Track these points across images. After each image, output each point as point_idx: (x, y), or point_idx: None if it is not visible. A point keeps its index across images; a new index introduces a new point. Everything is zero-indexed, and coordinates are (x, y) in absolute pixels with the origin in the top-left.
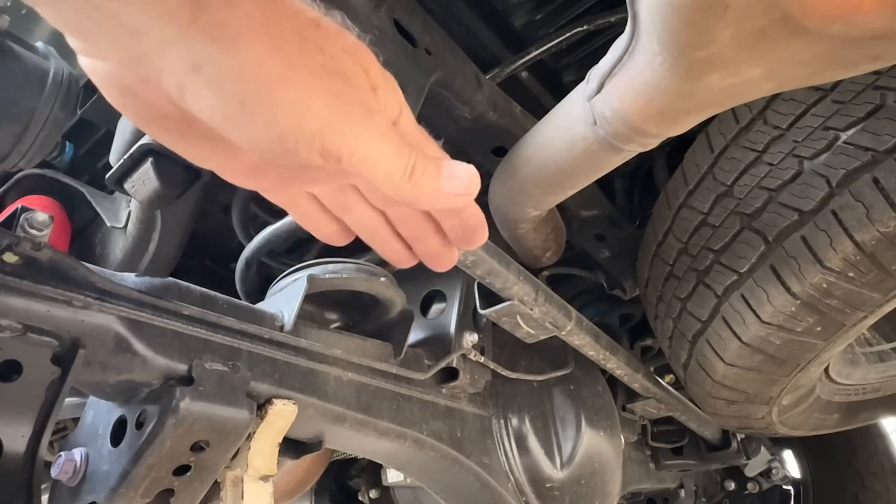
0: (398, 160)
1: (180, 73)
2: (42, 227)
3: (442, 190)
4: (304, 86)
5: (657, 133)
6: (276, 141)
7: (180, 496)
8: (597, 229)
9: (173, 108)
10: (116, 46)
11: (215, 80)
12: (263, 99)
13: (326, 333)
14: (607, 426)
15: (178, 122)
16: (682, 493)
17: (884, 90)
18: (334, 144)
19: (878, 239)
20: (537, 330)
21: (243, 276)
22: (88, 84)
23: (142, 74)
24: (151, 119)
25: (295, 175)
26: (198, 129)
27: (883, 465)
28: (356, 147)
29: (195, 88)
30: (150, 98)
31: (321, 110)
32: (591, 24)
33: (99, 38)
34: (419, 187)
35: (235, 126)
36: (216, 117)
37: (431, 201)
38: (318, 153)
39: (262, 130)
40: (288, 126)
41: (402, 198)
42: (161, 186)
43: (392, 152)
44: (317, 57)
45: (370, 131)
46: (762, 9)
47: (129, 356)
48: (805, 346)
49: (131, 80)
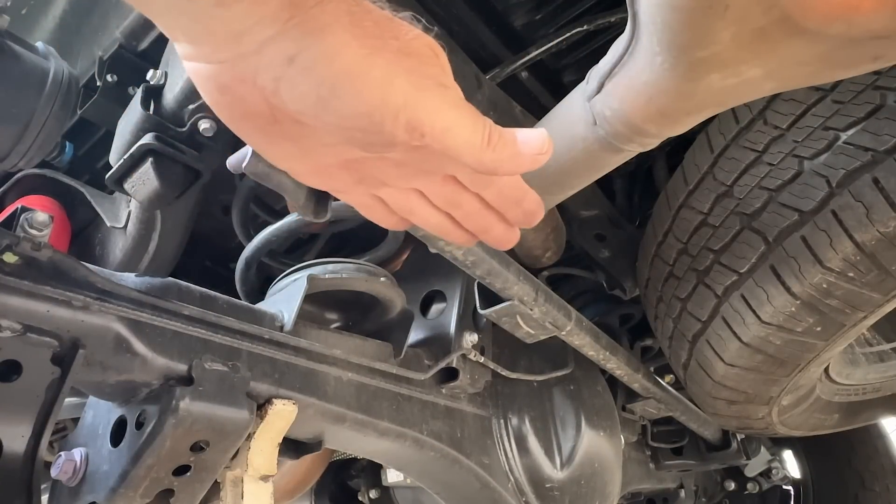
0: (475, 128)
1: (277, 66)
2: (42, 227)
3: (521, 151)
4: (385, 65)
5: (657, 133)
6: (365, 116)
7: (180, 496)
8: (597, 229)
9: (264, 105)
10: (219, 49)
11: (308, 67)
12: (351, 79)
13: (326, 333)
14: (607, 426)
15: (266, 119)
16: (682, 493)
17: (884, 90)
18: (417, 116)
19: (878, 239)
20: (537, 330)
21: (243, 276)
22: (88, 84)
23: (239, 73)
24: (242, 117)
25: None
26: (281, 129)
27: (883, 465)
28: (437, 118)
29: (290, 78)
30: (245, 96)
31: (402, 86)
32: (591, 24)
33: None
34: (498, 151)
35: (327, 107)
36: (309, 103)
37: (513, 164)
38: (403, 127)
39: (352, 107)
40: (375, 101)
41: (483, 164)
42: (161, 186)
43: (469, 121)
44: (393, 42)
45: (447, 103)
46: (762, 9)
47: (129, 356)
48: (805, 346)
49: (229, 79)
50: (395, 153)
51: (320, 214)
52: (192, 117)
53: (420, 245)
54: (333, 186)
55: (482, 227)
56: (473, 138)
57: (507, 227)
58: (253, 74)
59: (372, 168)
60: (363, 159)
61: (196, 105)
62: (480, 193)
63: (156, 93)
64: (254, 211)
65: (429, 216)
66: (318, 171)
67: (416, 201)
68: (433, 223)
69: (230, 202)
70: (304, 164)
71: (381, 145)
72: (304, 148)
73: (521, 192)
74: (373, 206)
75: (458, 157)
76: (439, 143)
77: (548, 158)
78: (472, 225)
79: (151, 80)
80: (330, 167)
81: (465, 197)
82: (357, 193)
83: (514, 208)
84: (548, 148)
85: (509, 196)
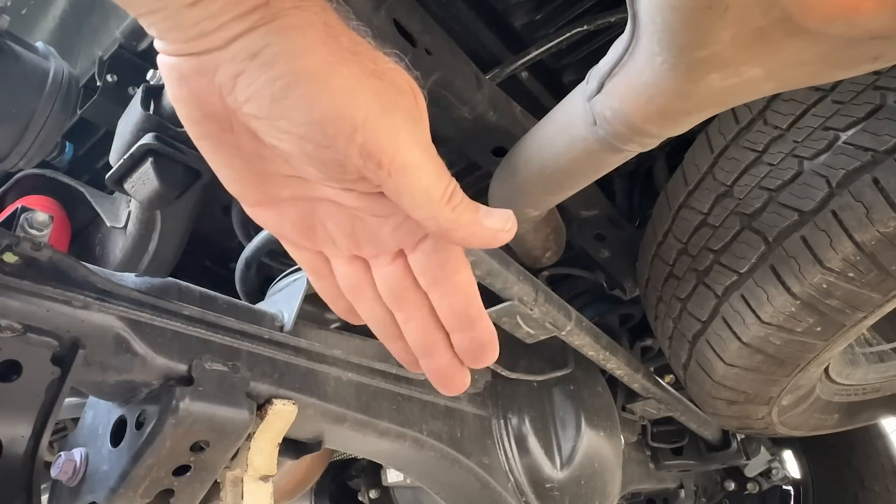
0: (439, 177)
1: (239, 62)
2: (42, 227)
3: (481, 221)
4: (351, 78)
5: (657, 133)
6: (317, 125)
7: (180, 496)
8: (597, 229)
9: (220, 106)
10: (187, 43)
11: (268, 62)
12: (309, 80)
13: (326, 333)
14: (607, 426)
15: (221, 125)
16: (682, 493)
17: (884, 90)
18: (377, 141)
19: (877, 239)
20: (537, 330)
21: (243, 276)
22: (88, 84)
23: (200, 66)
24: (199, 119)
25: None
26: (236, 141)
27: (883, 465)
28: (398, 152)
29: (248, 73)
30: (202, 92)
31: (365, 103)
32: (591, 24)
33: (173, 39)
34: (458, 213)
35: (279, 108)
36: (263, 103)
37: (469, 231)
38: (358, 150)
39: (304, 113)
40: (330, 111)
41: (437, 222)
42: (161, 186)
43: (433, 167)
44: (367, 63)
45: (413, 139)
46: (762, 9)
47: (129, 356)
48: (805, 346)
49: (188, 70)
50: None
51: None
52: None
53: None
54: (281, 230)
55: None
56: (434, 188)
57: (455, 360)
58: (213, 68)
59: (323, 213)
60: (316, 200)
61: None
62: (428, 290)
63: (156, 93)
64: None
65: (373, 306)
66: (268, 202)
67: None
68: (376, 317)
69: (230, 202)
70: (255, 191)
71: (333, 165)
72: (258, 172)
73: (476, 311)
74: (322, 276)
75: (413, 207)
76: (394, 184)
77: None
78: (415, 336)
79: (151, 80)
80: (282, 202)
81: (412, 292)
82: (306, 251)
83: (463, 329)
84: (511, 227)
85: (459, 309)
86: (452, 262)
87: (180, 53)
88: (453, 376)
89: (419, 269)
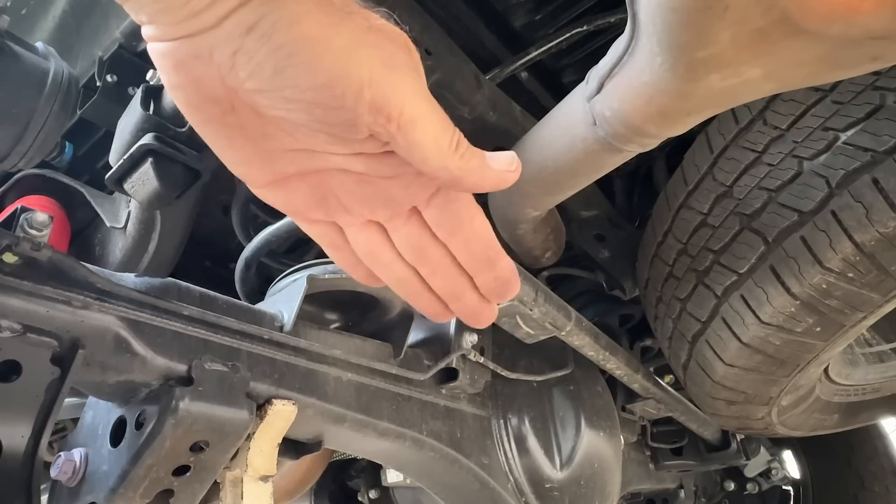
0: (445, 129)
1: (235, 38)
2: (42, 228)
3: (489, 164)
4: (349, 36)
5: (657, 133)
6: (324, 88)
7: (180, 496)
8: (596, 230)
9: (220, 87)
10: (178, 25)
11: (266, 33)
12: (311, 44)
13: (326, 334)
14: (607, 427)
15: (222, 107)
16: (682, 493)
17: (883, 91)
18: (384, 95)
19: (877, 239)
20: (537, 330)
21: (243, 276)
22: (88, 84)
23: (196, 49)
24: (199, 104)
25: (326, 189)
26: (239, 121)
27: (882, 465)
28: (405, 104)
29: (247, 49)
30: (201, 75)
31: (368, 59)
32: (590, 24)
33: (162, 21)
34: (466, 160)
35: (284, 77)
36: (266, 75)
37: (479, 176)
38: (367, 105)
39: (310, 77)
40: (335, 71)
41: (449, 171)
42: (161, 187)
43: (439, 119)
44: (361, 21)
45: (417, 91)
46: (761, 9)
47: (129, 356)
48: (805, 346)
49: (185, 55)
50: (360, 161)
51: None
52: None
53: None
54: (292, 206)
55: (452, 290)
56: (442, 138)
57: (481, 298)
58: (210, 49)
59: (333, 183)
60: (324, 171)
61: None
62: (447, 242)
63: (156, 93)
64: (254, 211)
65: (393, 265)
66: (276, 181)
67: (381, 244)
68: (399, 276)
69: (230, 202)
70: (262, 171)
71: (343, 126)
72: (264, 151)
73: (494, 252)
74: (338, 247)
75: (424, 159)
76: (404, 136)
77: (517, 178)
78: (441, 285)
79: (151, 81)
80: (289, 179)
81: (432, 245)
82: (319, 223)
83: (485, 270)
84: (516, 167)
85: (479, 253)
86: (466, 210)
87: (172, 37)
88: (482, 313)
89: (435, 223)
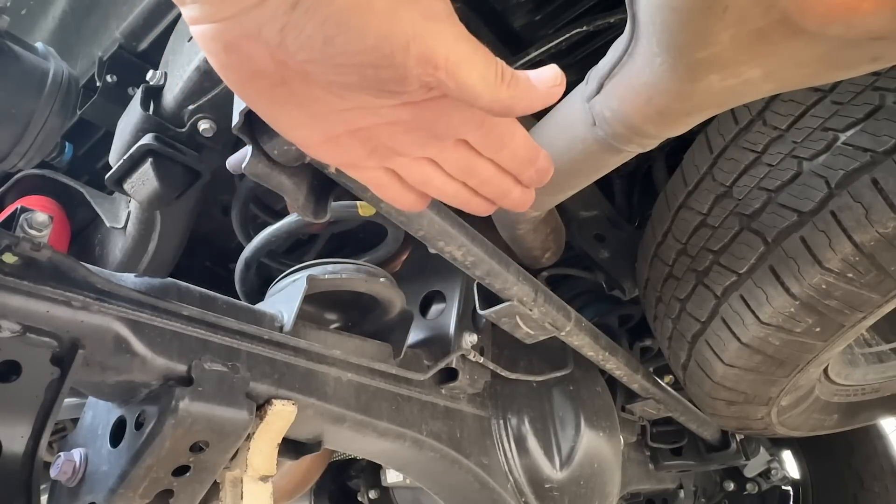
0: (489, 63)
1: (280, 15)
2: (41, 228)
3: (535, 86)
4: None
5: (656, 134)
6: (373, 50)
7: (179, 497)
8: (596, 230)
9: (270, 62)
10: (222, 5)
11: (311, 7)
12: (355, 11)
13: (326, 334)
14: (606, 427)
15: (272, 80)
16: (682, 493)
17: (883, 91)
18: (429, 46)
19: (876, 240)
20: (536, 330)
21: (243, 276)
22: (88, 84)
23: (244, 29)
24: (249, 79)
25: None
26: (289, 90)
27: (882, 465)
28: (450, 50)
29: (294, 24)
30: (252, 53)
31: (409, 15)
32: (590, 24)
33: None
34: (514, 87)
35: (334, 45)
36: (316, 46)
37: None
38: (415, 58)
39: (359, 42)
40: (381, 31)
41: (501, 101)
42: (160, 187)
43: (482, 55)
44: None
45: (458, 35)
46: (761, 10)
47: (129, 356)
48: (804, 346)
49: (234, 36)
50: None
51: (319, 214)
52: (192, 118)
53: (420, 245)
54: (346, 160)
55: (499, 192)
56: (487, 73)
57: (524, 190)
58: (258, 28)
59: (383, 134)
60: (374, 126)
61: (196, 105)
62: (494, 158)
63: (155, 93)
64: (253, 211)
65: (445, 186)
66: (328, 140)
67: (431, 171)
68: (450, 192)
69: (230, 202)
70: (314, 132)
71: (395, 81)
72: (314, 114)
73: (534, 151)
74: (387, 184)
75: (475, 96)
76: (453, 80)
77: (563, 89)
78: (490, 191)
79: (151, 81)
80: (340, 136)
81: (480, 163)
82: (370, 168)
83: (528, 168)
84: (561, 80)
85: (523, 157)
86: (507, 129)
87: (219, 18)
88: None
89: (482, 146)
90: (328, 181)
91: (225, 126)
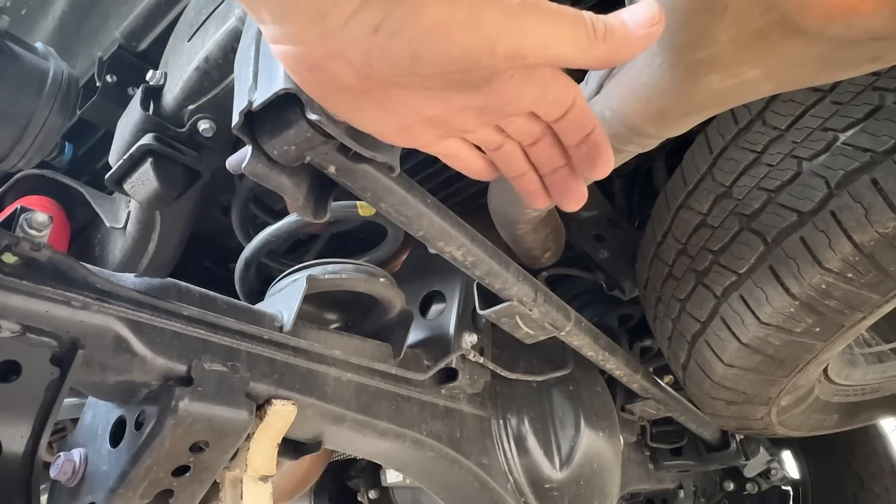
0: (576, 27)
1: (363, 39)
2: (41, 228)
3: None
4: (469, 4)
5: (656, 134)
6: (461, 60)
7: (179, 497)
8: (596, 230)
9: (353, 78)
10: (305, 28)
11: (395, 30)
12: (440, 28)
13: (326, 334)
14: (606, 427)
15: (355, 91)
16: (682, 493)
17: (883, 91)
18: (513, 42)
19: (876, 240)
20: (536, 330)
21: (243, 276)
22: (88, 84)
23: (329, 50)
24: (332, 91)
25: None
26: (370, 97)
27: (882, 465)
28: (535, 37)
29: (379, 46)
30: (336, 72)
31: (490, 18)
32: None
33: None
34: (610, 40)
35: (423, 62)
36: (404, 64)
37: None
38: (502, 58)
39: (447, 55)
40: (468, 42)
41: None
42: (160, 187)
43: (568, 24)
44: None
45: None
46: (761, 10)
47: (129, 356)
48: (804, 346)
49: (319, 58)
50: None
51: (319, 215)
52: (192, 118)
53: (420, 245)
54: (418, 144)
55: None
56: (580, 37)
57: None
58: (341, 50)
59: (454, 119)
60: (446, 112)
61: (196, 105)
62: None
63: (155, 93)
64: (253, 211)
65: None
66: (402, 129)
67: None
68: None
69: (230, 202)
70: (390, 125)
71: (483, 80)
72: (391, 110)
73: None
74: (458, 156)
75: (573, 62)
76: (545, 59)
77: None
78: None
79: (151, 81)
80: (414, 126)
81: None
82: (441, 146)
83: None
84: (660, 18)
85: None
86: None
87: (301, 41)
88: (571, 188)
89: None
90: (328, 181)
91: (225, 126)
